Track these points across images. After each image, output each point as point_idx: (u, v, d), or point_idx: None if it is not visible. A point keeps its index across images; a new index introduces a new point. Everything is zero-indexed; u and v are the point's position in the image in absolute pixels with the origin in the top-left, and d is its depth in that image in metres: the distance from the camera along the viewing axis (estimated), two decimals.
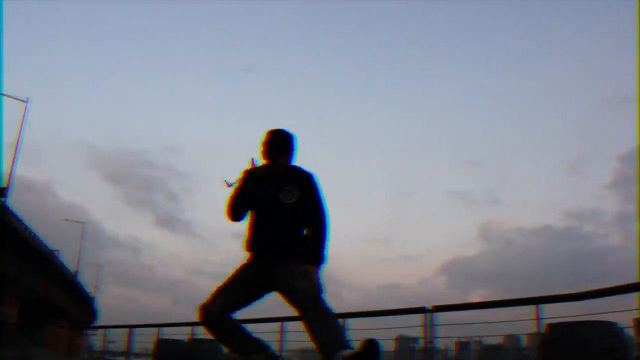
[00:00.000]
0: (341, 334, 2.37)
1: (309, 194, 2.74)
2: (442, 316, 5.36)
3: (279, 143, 2.80)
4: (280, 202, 2.68)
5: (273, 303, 2.70)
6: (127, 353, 10.29)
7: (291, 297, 2.49)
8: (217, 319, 2.55)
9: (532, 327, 4.52)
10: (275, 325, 6.84)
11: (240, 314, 2.61)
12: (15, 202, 17.77)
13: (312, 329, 2.39)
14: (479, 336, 7.34)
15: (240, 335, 2.59)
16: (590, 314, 3.95)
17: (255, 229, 2.71)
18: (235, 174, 2.81)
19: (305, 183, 2.75)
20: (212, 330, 2.58)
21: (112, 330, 12.15)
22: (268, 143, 2.79)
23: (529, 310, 4.53)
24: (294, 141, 2.84)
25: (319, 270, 2.61)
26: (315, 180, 2.78)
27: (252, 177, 2.80)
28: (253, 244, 2.69)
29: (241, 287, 2.62)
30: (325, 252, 2.66)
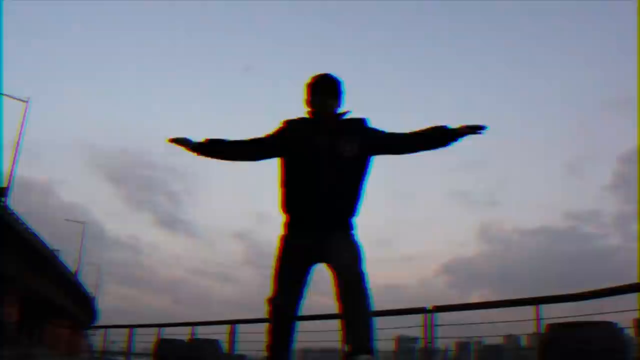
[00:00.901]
0: (371, 336, 2.18)
1: (373, 140, 2.38)
2: (442, 316, 5.36)
3: (327, 87, 2.39)
4: (338, 155, 2.31)
5: None
6: (127, 353, 10.29)
7: (337, 271, 2.22)
8: (288, 316, 2.35)
9: (531, 328, 4.52)
10: None
11: (237, 315, 2.55)
12: (15, 202, 17.81)
13: (346, 318, 2.18)
14: (479, 336, 7.33)
15: (287, 339, 2.39)
16: (590, 315, 3.95)
17: (303, 191, 2.32)
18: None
19: (365, 130, 2.40)
20: (279, 326, 2.36)
21: (112, 330, 12.15)
22: (313, 86, 2.40)
23: (528, 311, 4.52)
24: (343, 86, 2.41)
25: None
26: (370, 124, 2.42)
27: (294, 126, 2.39)
28: (300, 211, 2.34)
29: (298, 274, 2.35)
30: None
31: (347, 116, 2.43)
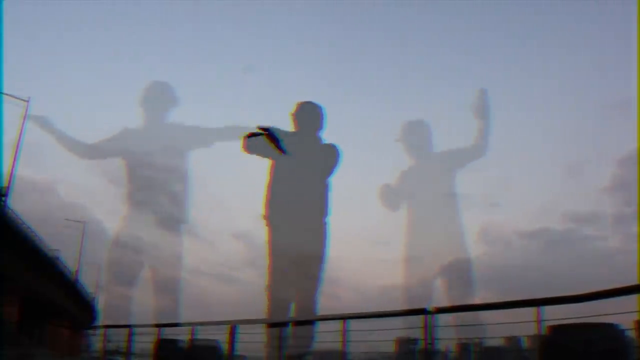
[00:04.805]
0: (310, 343, 2.62)
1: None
2: (442, 318, 5.36)
3: (309, 114, 2.79)
4: (316, 175, 2.73)
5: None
6: (127, 353, 10.29)
7: (302, 290, 2.61)
8: (285, 302, 2.59)
9: (533, 329, 4.51)
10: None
11: (237, 315, 2.64)
12: (16, 201, 17.83)
13: (296, 331, 2.59)
14: (479, 338, 7.32)
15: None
16: (591, 316, 3.94)
17: (286, 197, 2.64)
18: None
19: (332, 161, 2.89)
20: (279, 312, 2.58)
21: (112, 330, 12.13)
22: (297, 114, 2.80)
23: (529, 312, 4.51)
24: (324, 113, 2.84)
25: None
26: (339, 158, 2.87)
27: (284, 137, 2.74)
28: (281, 213, 2.64)
29: (286, 267, 2.60)
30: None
31: (327, 143, 2.81)
